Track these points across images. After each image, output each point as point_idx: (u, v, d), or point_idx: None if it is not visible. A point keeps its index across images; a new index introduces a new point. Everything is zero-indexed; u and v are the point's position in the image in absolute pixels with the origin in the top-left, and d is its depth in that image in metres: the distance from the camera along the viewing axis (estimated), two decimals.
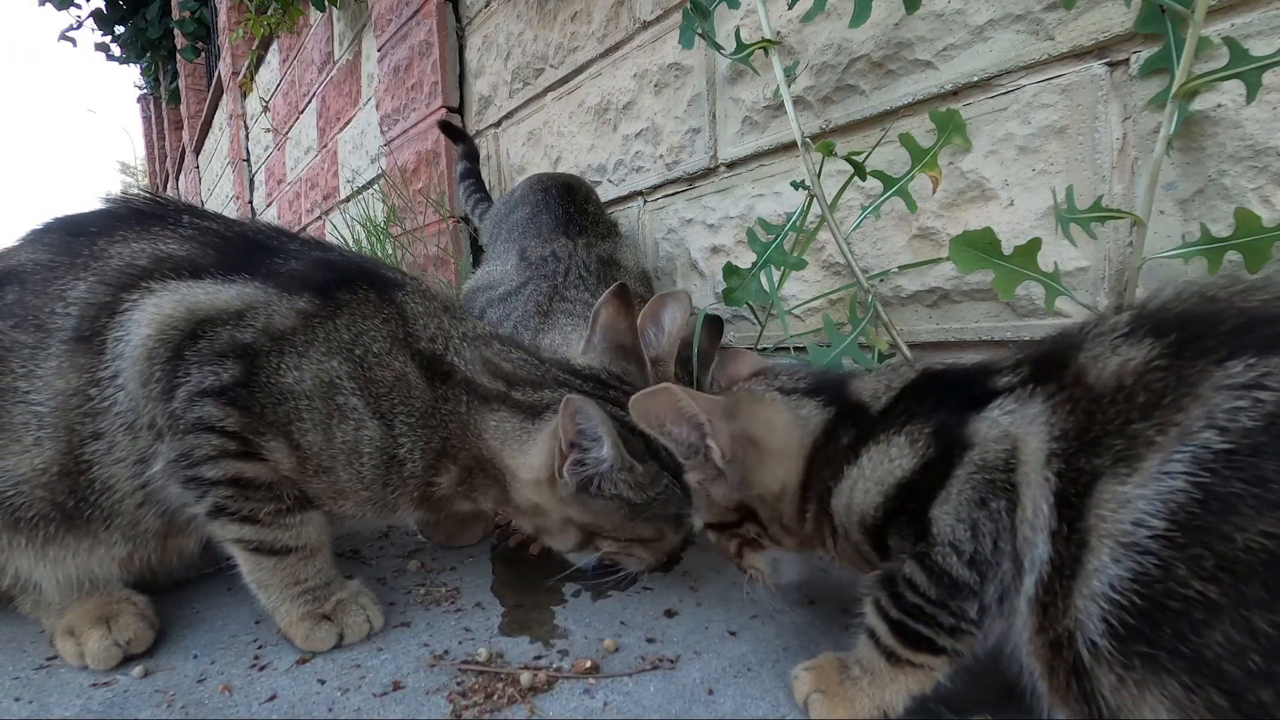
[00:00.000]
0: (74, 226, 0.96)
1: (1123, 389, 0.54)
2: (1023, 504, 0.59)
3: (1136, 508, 0.49)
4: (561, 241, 1.60)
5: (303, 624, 0.89)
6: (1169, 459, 0.48)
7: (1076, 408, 0.57)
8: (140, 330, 0.86)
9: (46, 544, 0.87)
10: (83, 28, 9.05)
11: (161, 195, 1.05)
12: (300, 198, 5.04)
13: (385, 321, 0.95)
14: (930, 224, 1.23)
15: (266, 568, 0.90)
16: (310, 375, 0.89)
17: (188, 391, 0.86)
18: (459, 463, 0.96)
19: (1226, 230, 0.86)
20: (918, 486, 0.65)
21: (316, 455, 0.90)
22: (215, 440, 0.86)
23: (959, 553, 0.61)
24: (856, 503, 0.70)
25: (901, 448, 0.67)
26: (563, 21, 2.11)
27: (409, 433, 0.92)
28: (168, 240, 0.94)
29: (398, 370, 0.93)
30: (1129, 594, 0.47)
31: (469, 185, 2.37)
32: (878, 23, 1.23)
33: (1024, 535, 0.58)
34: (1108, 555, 0.49)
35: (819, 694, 0.72)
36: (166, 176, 13.54)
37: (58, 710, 0.80)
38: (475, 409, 0.95)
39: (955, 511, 0.62)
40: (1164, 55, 0.91)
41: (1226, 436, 0.47)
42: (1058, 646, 0.53)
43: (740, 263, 1.28)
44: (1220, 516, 0.45)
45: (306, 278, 0.95)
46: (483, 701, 0.77)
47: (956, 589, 0.62)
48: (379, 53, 3.22)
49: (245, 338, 0.88)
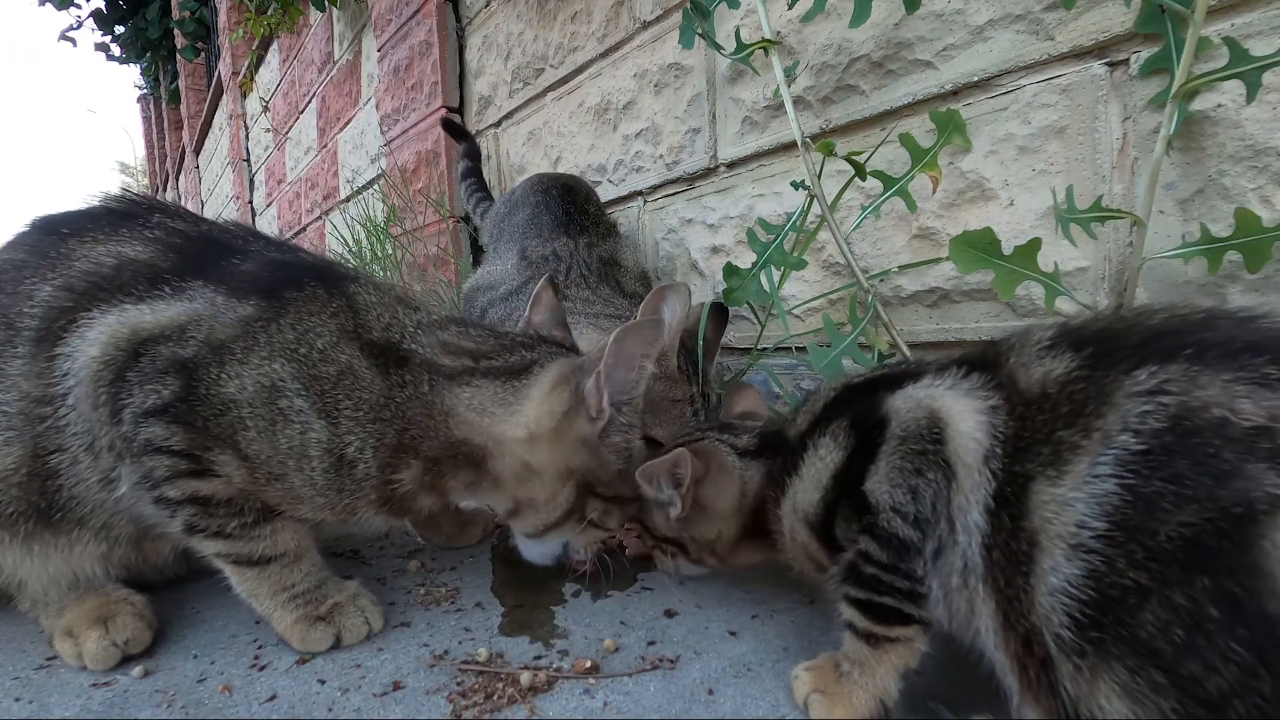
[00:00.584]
0: (49, 226, 0.95)
1: (1048, 396, 0.60)
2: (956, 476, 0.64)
3: (1078, 510, 0.53)
4: (563, 241, 1.60)
5: (298, 627, 0.89)
6: (1096, 462, 0.53)
7: (1013, 408, 0.62)
8: (87, 352, 0.85)
9: (28, 540, 0.87)
10: (83, 28, 9.05)
11: (136, 194, 1.03)
12: (300, 198, 5.04)
13: (333, 315, 0.90)
14: (930, 224, 1.23)
15: (251, 578, 0.89)
16: (251, 381, 0.85)
17: (132, 413, 0.84)
18: (421, 455, 0.89)
19: (1226, 230, 0.87)
20: (849, 473, 0.73)
21: (266, 463, 0.86)
22: (167, 461, 0.84)
23: (902, 515, 0.67)
24: (800, 505, 0.79)
25: (829, 447, 0.76)
26: (563, 21, 2.11)
27: (357, 429, 0.86)
28: (133, 243, 0.92)
29: (343, 363, 0.87)
30: (1083, 589, 0.51)
31: (470, 184, 2.37)
32: (878, 23, 1.23)
33: (957, 503, 0.63)
34: (1061, 555, 0.53)
35: (818, 694, 0.72)
36: (166, 177, 13.54)
37: (58, 710, 0.80)
38: (440, 389, 0.89)
39: (890, 479, 0.69)
40: (1164, 55, 0.91)
41: (1140, 438, 0.52)
42: (1028, 643, 0.56)
43: (740, 263, 1.28)
44: (1146, 514, 0.49)
45: (256, 279, 0.91)
46: (483, 701, 0.77)
47: (904, 548, 0.67)
48: (379, 53, 3.22)
49: (186, 352, 0.85)
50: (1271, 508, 0.45)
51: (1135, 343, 0.58)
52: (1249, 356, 0.51)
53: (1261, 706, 0.42)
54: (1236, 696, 0.43)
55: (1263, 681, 0.42)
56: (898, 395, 0.72)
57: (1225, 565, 0.45)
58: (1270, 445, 0.47)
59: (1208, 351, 0.53)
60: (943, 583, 0.66)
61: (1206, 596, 0.45)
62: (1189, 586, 0.46)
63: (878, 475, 0.70)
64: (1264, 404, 0.48)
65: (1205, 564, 0.46)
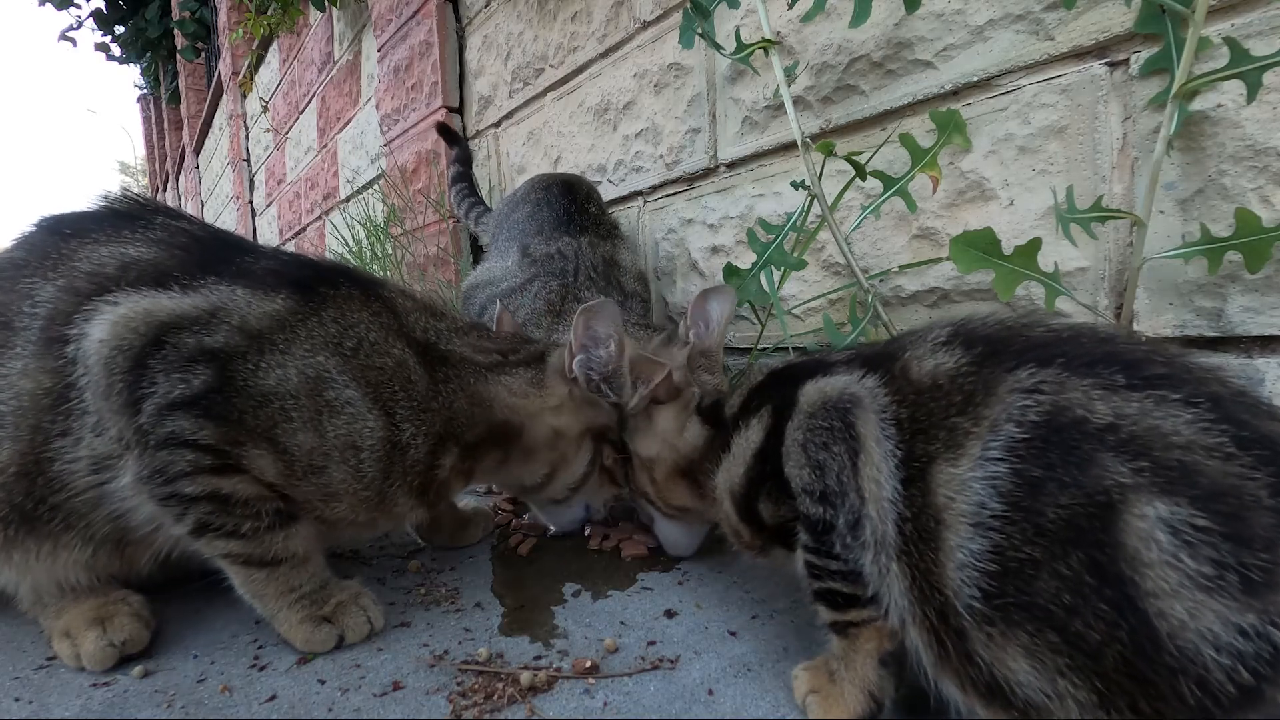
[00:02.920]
0: (52, 226, 0.95)
1: (939, 387, 0.67)
2: (866, 448, 0.70)
3: (975, 490, 0.60)
4: (566, 240, 1.59)
5: (303, 627, 0.89)
6: (988, 446, 0.61)
7: (905, 396, 0.70)
8: (96, 336, 0.83)
9: (9, 546, 0.86)
10: (83, 28, 9.05)
11: (139, 196, 1.03)
12: (300, 198, 5.04)
13: (375, 315, 0.95)
14: (930, 224, 1.23)
15: (259, 579, 0.88)
16: (295, 373, 0.86)
17: (155, 405, 0.81)
18: (461, 441, 0.98)
19: (1226, 230, 0.87)
20: (768, 452, 0.80)
21: (306, 456, 0.87)
22: (189, 456, 0.82)
23: (810, 493, 0.73)
24: (726, 479, 0.87)
25: (754, 427, 0.84)
26: (563, 21, 2.11)
27: (412, 418, 0.92)
28: (136, 243, 0.92)
29: (396, 357, 0.93)
30: (987, 562, 0.58)
31: (461, 189, 2.35)
32: (878, 23, 1.23)
33: (868, 475, 0.69)
34: (965, 533, 0.60)
35: (814, 694, 0.73)
36: (166, 176, 13.54)
37: (57, 710, 0.80)
38: (483, 381, 1.01)
39: (797, 460, 0.76)
40: (1164, 55, 0.91)
41: (1021, 429, 0.59)
42: (943, 614, 0.61)
43: (740, 263, 1.28)
44: (1032, 495, 0.57)
45: (282, 274, 0.93)
46: (483, 701, 0.77)
47: (816, 526, 0.73)
48: (379, 53, 3.22)
49: (216, 341, 0.84)
50: (1121, 491, 0.53)
51: (1018, 348, 0.66)
52: (1103, 367, 0.60)
53: (1122, 650, 0.51)
54: (1107, 645, 0.52)
55: (1122, 629, 0.51)
56: (811, 384, 0.79)
57: (1094, 539, 0.54)
58: (1115, 438, 0.56)
59: (1074, 360, 0.62)
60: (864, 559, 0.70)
61: (1082, 565, 0.53)
62: (1069, 558, 0.54)
63: (790, 458, 0.76)
64: (1112, 405, 0.58)
65: (1079, 539, 0.54)
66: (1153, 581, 0.51)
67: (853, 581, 0.71)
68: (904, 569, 0.64)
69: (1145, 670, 0.50)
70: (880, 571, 0.67)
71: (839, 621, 0.73)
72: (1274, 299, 0.89)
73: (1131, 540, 0.52)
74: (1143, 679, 0.50)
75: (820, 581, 0.74)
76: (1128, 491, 0.53)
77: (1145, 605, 0.51)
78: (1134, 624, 0.51)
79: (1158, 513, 0.52)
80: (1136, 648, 0.51)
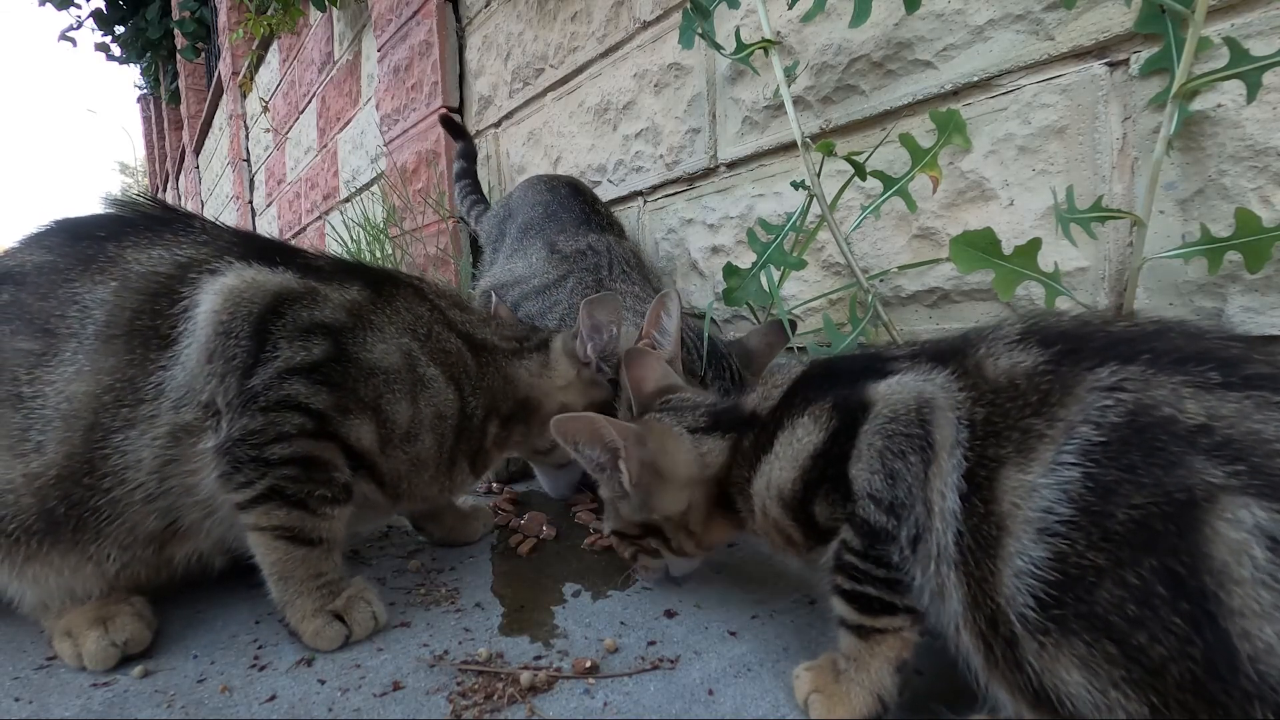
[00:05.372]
0: (79, 229, 0.95)
1: (1015, 386, 0.64)
2: (938, 459, 0.65)
3: (1044, 496, 0.57)
4: (594, 236, 1.59)
5: (314, 620, 0.89)
6: (1061, 451, 0.57)
7: (982, 394, 0.66)
8: (206, 307, 0.87)
9: (29, 561, 0.86)
10: (83, 28, 9.05)
11: (170, 203, 1.06)
12: (300, 198, 5.04)
13: (431, 309, 1.08)
14: (930, 224, 1.23)
15: (295, 558, 0.90)
16: (394, 349, 0.98)
17: (276, 369, 0.87)
18: (500, 414, 1.13)
19: (1226, 230, 0.87)
20: (832, 454, 0.74)
21: (405, 424, 0.97)
22: (297, 419, 0.88)
23: (877, 501, 0.69)
24: (774, 480, 0.79)
25: (807, 425, 0.77)
26: (563, 21, 2.11)
27: (473, 393, 1.07)
28: (183, 245, 0.94)
29: (455, 345, 1.07)
30: (1048, 570, 0.55)
31: (465, 186, 2.36)
32: (878, 23, 1.23)
33: (935, 488, 0.65)
34: (1028, 540, 0.57)
35: (817, 694, 0.72)
36: (166, 177, 13.54)
37: (58, 710, 0.80)
38: (509, 364, 1.15)
39: (869, 465, 0.70)
40: (1164, 55, 0.91)
41: (1100, 431, 0.56)
42: (993, 622, 0.59)
43: (740, 263, 1.28)
44: (1103, 498, 0.54)
45: (344, 270, 1.03)
46: (483, 701, 0.77)
47: (876, 535, 0.69)
48: (379, 53, 3.22)
49: (327, 315, 0.93)
50: (1210, 495, 0.49)
51: (1098, 345, 0.63)
52: (1195, 364, 0.57)
53: (1192, 668, 0.48)
54: (1172, 661, 0.49)
55: (1195, 647, 0.48)
56: (884, 384, 0.74)
57: (1171, 546, 0.50)
58: (1209, 441, 0.52)
59: (1162, 357, 0.59)
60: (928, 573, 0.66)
61: (1155, 575, 0.50)
62: (1139, 566, 0.51)
63: (860, 461, 0.71)
64: (1205, 405, 0.54)
65: (1153, 544, 0.51)
66: (1241, 600, 0.47)
67: (893, 589, 0.69)
68: (961, 578, 0.62)
69: (1216, 692, 0.47)
70: (937, 583, 0.65)
71: (864, 625, 0.71)
72: (1274, 299, 0.89)
73: (1220, 553, 0.48)
74: (1211, 700, 0.47)
75: (858, 585, 0.71)
76: (1217, 492, 0.49)
77: (1228, 624, 0.47)
78: (1210, 642, 0.47)
79: (1256, 519, 0.47)
80: (1209, 667, 0.47)
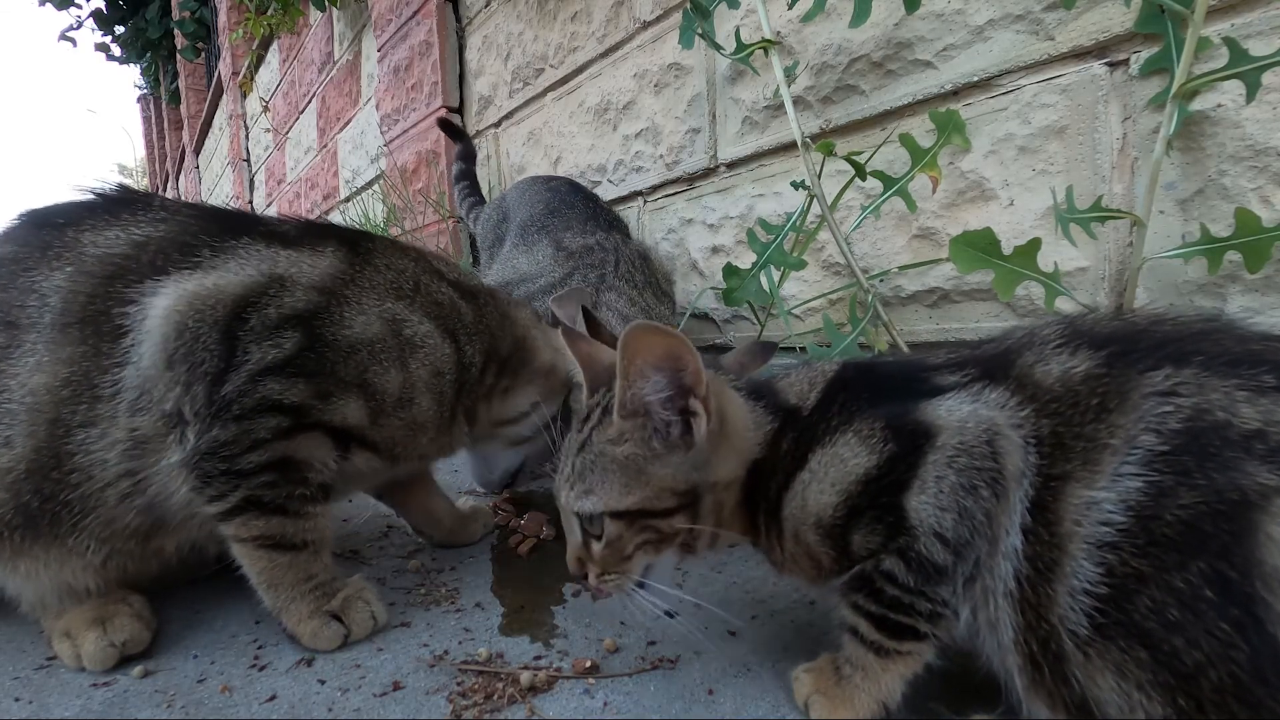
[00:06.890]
0: (40, 219, 0.93)
1: (1075, 394, 0.60)
2: (1008, 496, 0.61)
3: (1103, 509, 0.55)
4: (601, 234, 1.59)
5: (311, 622, 0.88)
6: (1124, 461, 0.55)
7: (1045, 405, 0.62)
8: (162, 305, 0.83)
9: (16, 556, 0.84)
10: (83, 28, 9.05)
11: (127, 185, 1.02)
12: (300, 198, 5.04)
13: (415, 261, 1.05)
14: (930, 224, 1.23)
15: (281, 564, 0.89)
16: (375, 319, 0.93)
17: (249, 372, 0.84)
18: (497, 359, 1.10)
19: (1226, 230, 0.87)
20: (885, 481, 0.65)
21: (397, 391, 0.94)
22: (272, 421, 0.85)
23: (944, 540, 0.63)
24: (811, 505, 0.69)
25: (854, 446, 0.67)
26: (563, 21, 2.11)
27: (470, 341, 1.04)
28: (141, 224, 0.91)
29: (446, 293, 1.04)
30: (1099, 585, 0.54)
31: (464, 188, 2.35)
32: (878, 23, 1.23)
33: (1002, 525, 0.61)
34: (1084, 557, 0.55)
35: (819, 695, 0.72)
36: (166, 177, 13.54)
37: (58, 710, 0.79)
38: (507, 308, 1.15)
39: (937, 500, 0.63)
40: (1164, 55, 0.91)
41: (1160, 438, 0.54)
42: (1045, 641, 0.57)
43: (740, 263, 1.28)
44: (1157, 504, 0.52)
45: (315, 232, 0.98)
46: (483, 701, 0.77)
47: (937, 575, 0.64)
48: (379, 53, 3.22)
49: (297, 304, 0.89)
50: (1263, 497, 0.48)
51: (1148, 345, 0.60)
52: (1248, 367, 0.55)
53: (1236, 672, 0.47)
54: (1211, 666, 0.48)
55: (1240, 651, 0.47)
56: (943, 407, 0.66)
57: (1220, 549, 0.48)
58: (1264, 446, 0.50)
59: (1215, 360, 0.56)
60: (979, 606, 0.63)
61: (1203, 579, 0.49)
62: (1186, 570, 0.49)
63: (924, 493, 0.64)
64: (1260, 409, 0.52)
65: (1202, 547, 0.49)
66: None
67: (928, 619, 0.66)
68: (1016, 609, 0.59)
69: (1262, 697, 0.46)
70: (989, 618, 0.62)
71: (884, 647, 0.68)
72: (1274, 299, 0.89)
73: (1274, 558, 0.47)
74: (1255, 705, 0.47)
75: (888, 611, 0.67)
76: (1273, 496, 0.48)
77: (1277, 630, 0.46)
78: (1257, 647, 0.46)
79: None
80: (1256, 673, 0.46)
